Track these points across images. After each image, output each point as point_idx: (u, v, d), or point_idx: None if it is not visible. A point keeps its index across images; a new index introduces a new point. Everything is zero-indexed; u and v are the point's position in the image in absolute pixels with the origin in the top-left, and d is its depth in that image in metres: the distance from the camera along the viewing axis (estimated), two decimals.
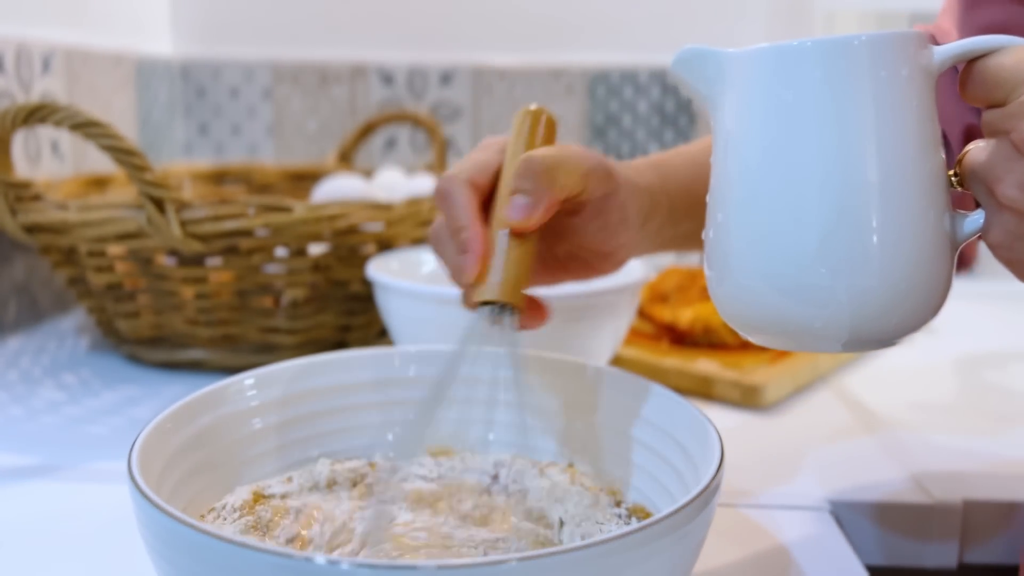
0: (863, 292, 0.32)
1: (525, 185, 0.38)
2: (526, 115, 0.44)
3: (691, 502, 0.30)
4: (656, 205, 0.45)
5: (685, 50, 0.36)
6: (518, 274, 0.38)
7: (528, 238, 0.39)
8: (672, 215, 0.46)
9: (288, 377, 0.44)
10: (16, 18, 0.78)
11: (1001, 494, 0.49)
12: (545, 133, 0.43)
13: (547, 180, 0.38)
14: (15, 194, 0.61)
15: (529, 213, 0.38)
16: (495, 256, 0.39)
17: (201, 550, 0.28)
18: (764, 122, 0.33)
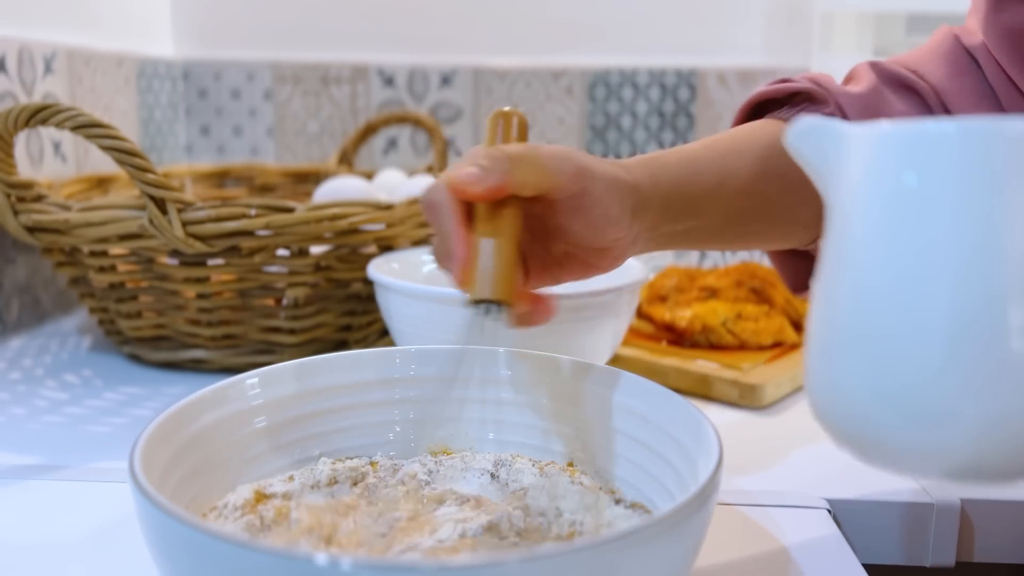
0: (996, 417, 0.27)
1: (482, 161, 0.40)
2: (498, 116, 0.45)
3: (690, 501, 0.30)
4: (646, 201, 0.45)
5: (803, 122, 0.32)
6: (501, 272, 0.39)
7: (509, 238, 0.40)
8: (667, 212, 0.46)
9: (289, 377, 0.45)
10: (18, 19, 0.78)
11: (1000, 493, 0.50)
12: (518, 133, 0.45)
13: (504, 165, 0.39)
14: (17, 195, 0.61)
15: (473, 181, 0.39)
16: (481, 257, 0.40)
17: (203, 549, 0.28)
18: (886, 209, 0.29)
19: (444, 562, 0.27)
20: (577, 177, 0.41)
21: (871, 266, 0.29)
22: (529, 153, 0.40)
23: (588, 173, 0.42)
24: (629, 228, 0.44)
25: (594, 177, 0.42)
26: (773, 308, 0.74)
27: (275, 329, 0.66)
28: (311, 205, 0.61)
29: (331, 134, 1.11)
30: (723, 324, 0.71)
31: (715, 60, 1.09)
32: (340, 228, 0.62)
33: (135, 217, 0.59)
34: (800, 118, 0.32)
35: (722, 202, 0.48)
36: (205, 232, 0.59)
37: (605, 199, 0.42)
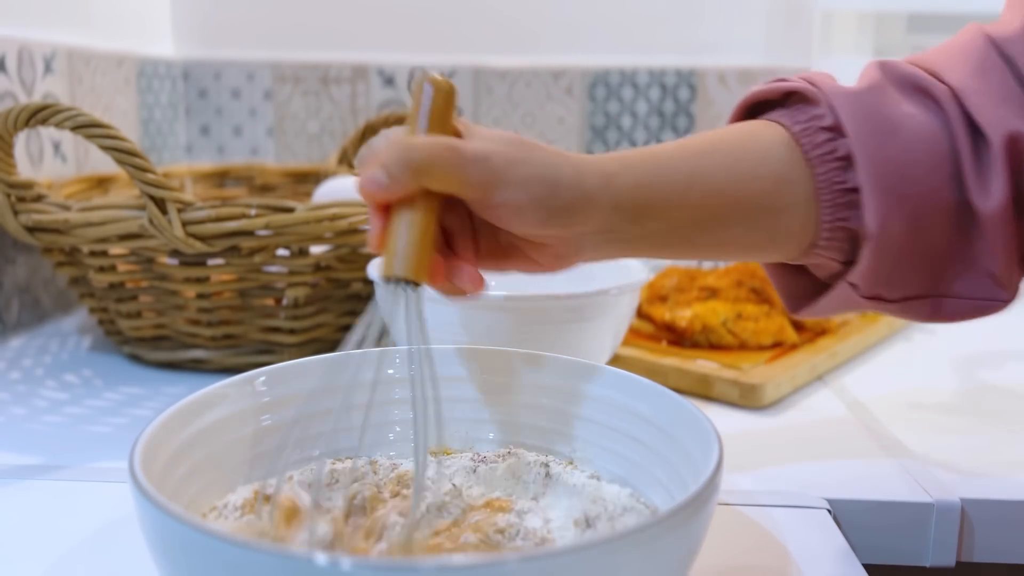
0: None
1: (389, 165, 0.40)
2: (420, 85, 0.43)
3: (690, 501, 0.30)
4: (587, 202, 0.43)
5: None
6: (410, 251, 0.40)
7: (421, 213, 0.40)
8: (620, 213, 0.44)
9: (289, 377, 0.45)
10: (18, 19, 0.78)
11: (999, 493, 0.50)
12: (440, 107, 0.43)
13: (409, 175, 0.39)
14: (17, 195, 0.61)
15: (378, 190, 0.40)
16: (394, 237, 0.40)
17: (202, 549, 0.28)
18: None
19: (444, 562, 0.27)
20: (486, 183, 0.40)
21: None
22: (437, 160, 0.40)
23: (499, 178, 0.41)
24: (564, 228, 0.42)
25: (505, 184, 0.41)
26: (773, 308, 0.74)
27: (275, 329, 0.66)
28: (311, 205, 0.61)
29: (331, 134, 1.11)
30: (723, 324, 0.71)
31: (715, 60, 1.09)
32: (340, 228, 0.62)
33: (135, 217, 0.59)
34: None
35: (691, 204, 0.45)
36: (205, 232, 0.59)
37: (517, 202, 0.41)
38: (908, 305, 0.47)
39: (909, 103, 0.46)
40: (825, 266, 0.49)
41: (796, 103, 0.48)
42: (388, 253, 0.40)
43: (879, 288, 0.46)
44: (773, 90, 0.49)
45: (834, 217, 0.45)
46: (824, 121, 0.45)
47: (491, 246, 0.45)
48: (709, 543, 0.35)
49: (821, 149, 0.45)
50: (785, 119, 0.47)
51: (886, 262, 0.45)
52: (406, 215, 0.40)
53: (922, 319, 0.48)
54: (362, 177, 0.40)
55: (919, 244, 0.45)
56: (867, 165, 0.43)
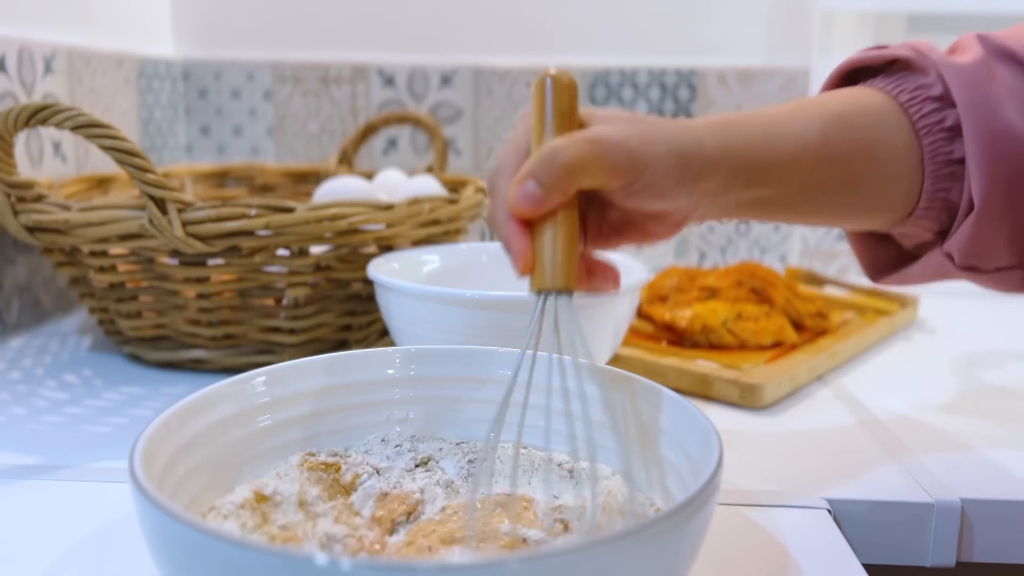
0: None
1: (542, 175, 0.38)
2: (543, 83, 0.42)
3: (690, 501, 0.31)
4: (711, 167, 0.43)
5: None
6: (560, 260, 0.39)
7: (566, 219, 0.39)
8: (736, 178, 0.44)
9: (289, 377, 0.45)
10: (18, 19, 0.78)
11: (1000, 493, 0.50)
12: (566, 103, 0.42)
13: (567, 180, 0.38)
14: (17, 195, 0.61)
15: (536, 205, 0.38)
16: (542, 248, 0.39)
17: (202, 549, 0.28)
18: None
19: (444, 562, 0.27)
20: (633, 167, 0.40)
21: None
22: (591, 160, 0.39)
23: (644, 161, 0.40)
24: (688, 198, 0.42)
25: (648, 165, 0.40)
26: (773, 308, 0.74)
27: (275, 329, 0.66)
28: (311, 205, 0.61)
29: (331, 134, 1.11)
30: (723, 324, 0.71)
31: (715, 60, 1.09)
32: (340, 228, 0.62)
33: (135, 217, 0.59)
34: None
35: (801, 170, 0.45)
36: (205, 232, 0.59)
37: (658, 182, 0.41)
38: (1002, 275, 0.48)
39: (1012, 77, 0.45)
40: (915, 235, 0.49)
41: (900, 71, 0.48)
42: (540, 265, 0.39)
43: (975, 259, 0.47)
44: (875, 58, 0.49)
45: (936, 187, 0.45)
46: (933, 91, 0.45)
47: (610, 226, 0.45)
48: (709, 543, 0.35)
49: (929, 119, 0.45)
50: (891, 87, 0.46)
51: (985, 233, 0.45)
52: (550, 224, 0.39)
53: (1015, 290, 0.49)
54: (512, 195, 0.39)
55: (1018, 216, 0.45)
56: (975, 137, 0.43)
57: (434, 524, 0.37)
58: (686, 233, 1.12)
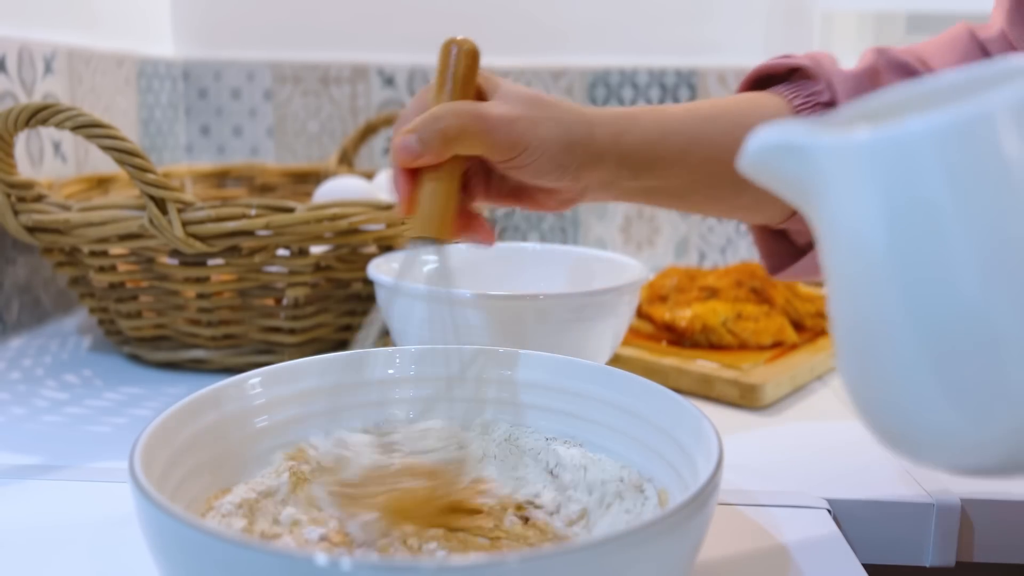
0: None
1: (423, 134, 0.43)
2: (448, 48, 0.47)
3: (690, 501, 0.30)
4: (598, 157, 0.46)
5: (758, 145, 0.28)
6: (436, 213, 0.44)
7: (447, 175, 0.44)
8: (624, 168, 0.47)
9: (289, 377, 0.45)
10: (18, 19, 0.78)
11: (999, 493, 0.50)
12: (466, 68, 0.46)
13: (442, 144, 0.43)
14: (18, 195, 0.61)
15: (411, 158, 0.44)
16: (421, 199, 0.44)
17: (202, 549, 0.28)
18: (891, 226, 0.26)
19: (444, 562, 0.27)
20: (512, 147, 0.44)
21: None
22: (469, 131, 0.43)
23: (524, 143, 0.44)
24: (573, 182, 0.47)
25: (528, 147, 0.44)
26: (773, 308, 0.74)
27: (275, 329, 0.66)
28: (311, 205, 0.61)
29: (331, 134, 1.11)
30: (723, 324, 0.71)
31: (715, 60, 1.09)
32: (340, 228, 0.62)
33: (135, 217, 0.59)
34: (756, 133, 0.29)
35: (688, 166, 0.48)
36: (205, 232, 0.59)
37: (539, 163, 0.45)
38: None
39: (898, 82, 0.50)
40: (804, 232, 0.52)
41: (799, 79, 0.51)
42: (419, 216, 0.44)
43: None
44: (779, 65, 0.52)
45: None
46: (822, 97, 0.49)
47: (501, 188, 0.50)
48: (709, 543, 0.35)
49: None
50: (787, 93, 0.50)
51: None
52: (433, 179, 0.44)
53: None
54: (395, 143, 0.44)
55: None
56: None
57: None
58: (686, 233, 1.12)
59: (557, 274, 0.70)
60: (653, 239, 1.12)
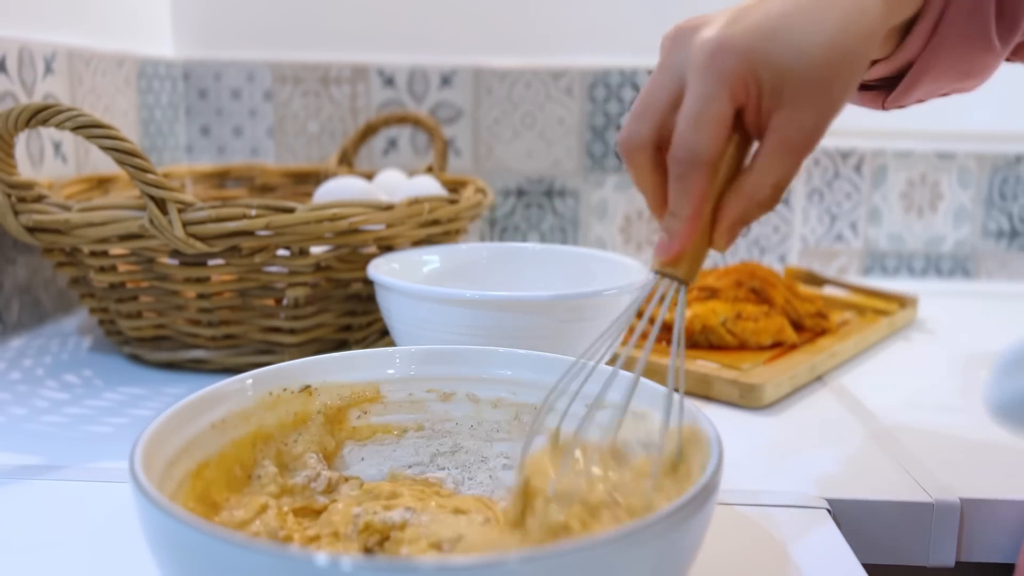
0: None
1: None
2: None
3: (690, 501, 0.31)
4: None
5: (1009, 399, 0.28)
6: (701, 257, 0.40)
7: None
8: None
9: (289, 377, 0.45)
10: (18, 20, 0.78)
11: (999, 493, 0.50)
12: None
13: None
14: (18, 195, 0.61)
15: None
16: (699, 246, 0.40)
17: (202, 549, 0.28)
18: None
19: (444, 562, 0.27)
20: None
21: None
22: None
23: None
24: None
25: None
26: (773, 308, 0.74)
27: (275, 329, 0.66)
28: (311, 205, 0.61)
29: (331, 134, 1.11)
30: (723, 324, 0.71)
31: None
32: (340, 228, 0.62)
33: (135, 217, 0.59)
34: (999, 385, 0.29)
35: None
36: (205, 232, 0.59)
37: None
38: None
39: None
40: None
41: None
42: (691, 258, 0.40)
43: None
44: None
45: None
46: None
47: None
48: (709, 543, 0.35)
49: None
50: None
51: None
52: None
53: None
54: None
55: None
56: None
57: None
58: None
59: (557, 274, 0.70)
60: (653, 239, 1.12)
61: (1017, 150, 1.12)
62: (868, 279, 1.13)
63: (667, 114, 0.39)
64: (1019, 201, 1.13)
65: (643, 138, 0.40)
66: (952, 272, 1.15)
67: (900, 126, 1.11)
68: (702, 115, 0.37)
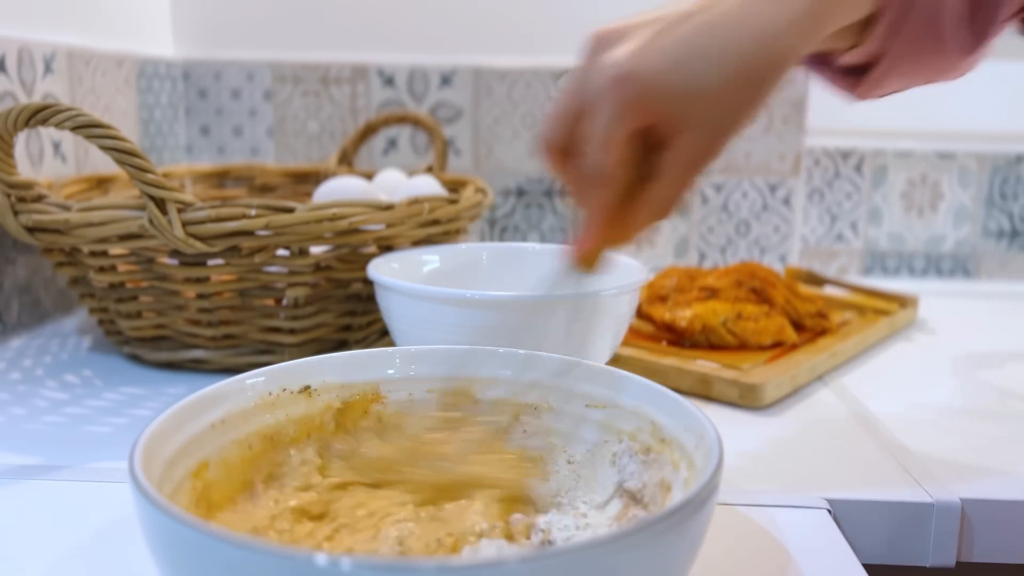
0: None
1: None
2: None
3: (690, 501, 0.31)
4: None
5: None
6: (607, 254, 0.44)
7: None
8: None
9: (289, 377, 0.45)
10: (18, 20, 0.78)
11: (999, 493, 0.50)
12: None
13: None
14: (17, 195, 0.61)
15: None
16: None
17: (202, 549, 0.28)
18: None
19: (444, 562, 0.27)
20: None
21: None
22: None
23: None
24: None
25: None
26: (773, 308, 0.74)
27: (275, 329, 0.66)
28: (311, 205, 0.61)
29: (331, 134, 1.11)
30: (723, 324, 0.71)
31: None
32: (340, 228, 0.62)
33: (135, 217, 0.59)
34: None
35: None
36: (205, 232, 0.59)
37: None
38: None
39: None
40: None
41: None
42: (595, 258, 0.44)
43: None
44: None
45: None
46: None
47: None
48: (709, 543, 0.35)
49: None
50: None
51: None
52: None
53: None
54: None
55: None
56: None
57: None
58: (686, 233, 1.12)
59: None
60: (653, 239, 1.12)
61: (1017, 150, 1.12)
62: (868, 279, 1.13)
63: (577, 122, 0.41)
64: (1019, 201, 1.13)
65: (555, 142, 0.42)
66: (952, 272, 1.15)
67: (900, 126, 1.11)
68: (605, 138, 0.39)
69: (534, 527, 0.39)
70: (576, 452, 0.45)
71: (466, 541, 0.37)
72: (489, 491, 0.41)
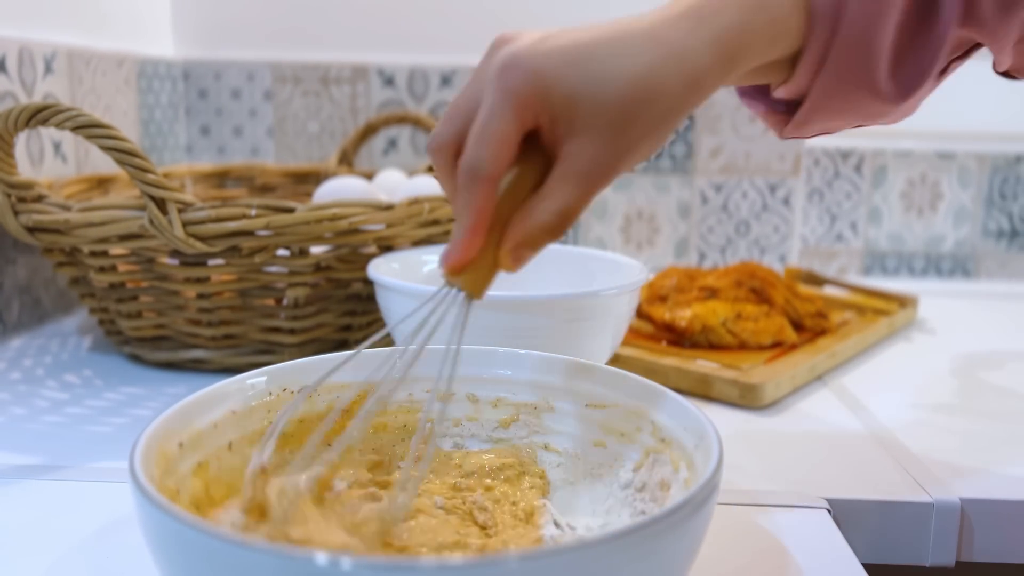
0: None
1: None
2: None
3: (690, 501, 0.31)
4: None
5: None
6: (490, 277, 0.39)
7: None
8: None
9: (290, 377, 0.45)
10: (18, 20, 0.78)
11: (999, 493, 0.50)
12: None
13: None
14: (18, 195, 0.61)
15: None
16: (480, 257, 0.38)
17: (202, 549, 0.28)
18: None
19: (444, 562, 0.27)
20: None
21: None
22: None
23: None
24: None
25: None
26: (773, 308, 0.74)
27: (275, 329, 0.66)
28: (311, 205, 0.61)
29: (331, 134, 1.11)
30: (723, 324, 0.71)
31: None
32: (340, 228, 0.62)
33: (135, 217, 0.59)
34: None
35: None
36: (205, 232, 0.59)
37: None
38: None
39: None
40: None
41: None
42: (470, 270, 0.38)
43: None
44: None
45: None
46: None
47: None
48: (709, 543, 0.35)
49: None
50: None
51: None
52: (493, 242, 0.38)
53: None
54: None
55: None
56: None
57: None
58: (686, 233, 1.12)
59: (557, 274, 0.70)
60: (653, 239, 1.12)
61: (1017, 150, 1.12)
62: (868, 279, 1.13)
63: (468, 121, 0.38)
64: (1019, 201, 1.13)
65: (444, 141, 0.39)
66: (952, 272, 1.15)
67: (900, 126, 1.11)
68: (485, 130, 0.36)
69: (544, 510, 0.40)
70: (576, 452, 0.45)
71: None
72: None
